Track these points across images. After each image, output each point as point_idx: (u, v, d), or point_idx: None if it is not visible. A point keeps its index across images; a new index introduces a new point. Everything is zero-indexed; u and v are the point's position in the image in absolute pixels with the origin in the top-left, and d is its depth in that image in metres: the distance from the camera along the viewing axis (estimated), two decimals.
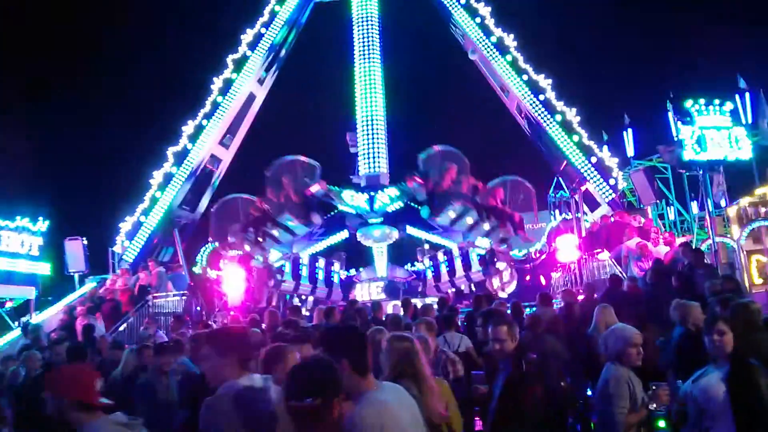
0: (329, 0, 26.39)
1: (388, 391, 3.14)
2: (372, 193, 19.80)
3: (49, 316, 16.76)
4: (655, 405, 4.46)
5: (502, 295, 16.84)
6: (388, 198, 19.71)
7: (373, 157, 21.69)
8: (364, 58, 22.62)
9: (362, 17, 23.12)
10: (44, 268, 18.46)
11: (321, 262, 20.34)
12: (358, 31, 23.04)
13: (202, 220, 24.10)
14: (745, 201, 18.46)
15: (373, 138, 21.84)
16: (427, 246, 22.11)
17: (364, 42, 22.83)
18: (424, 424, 3.24)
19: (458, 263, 19.33)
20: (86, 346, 9.53)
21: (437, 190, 18.71)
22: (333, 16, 26.38)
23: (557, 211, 23.31)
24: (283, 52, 25.57)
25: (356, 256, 22.14)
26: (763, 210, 18.14)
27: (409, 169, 19.61)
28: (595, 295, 11.35)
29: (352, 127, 22.39)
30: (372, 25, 23.08)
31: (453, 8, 23.84)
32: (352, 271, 21.60)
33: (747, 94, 21.96)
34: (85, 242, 19.62)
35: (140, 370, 7.35)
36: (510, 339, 4.59)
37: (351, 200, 19.75)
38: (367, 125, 21.96)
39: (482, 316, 6.92)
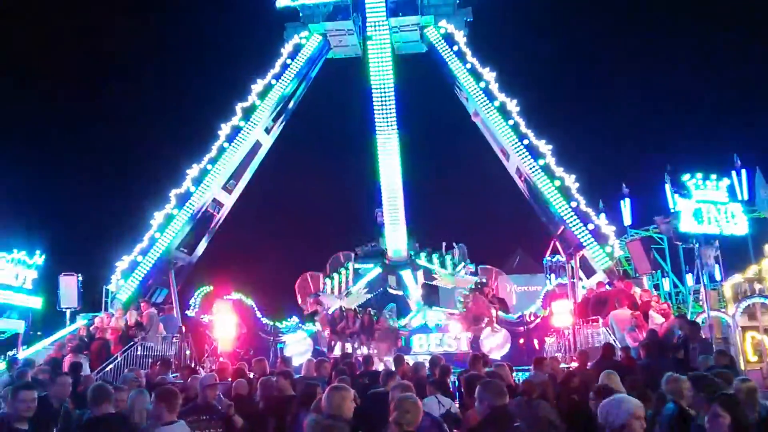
0: (340, 56, 27.26)
1: None
2: None
3: (37, 352, 16.53)
4: None
5: (495, 356, 16.68)
6: None
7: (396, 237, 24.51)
8: (383, 136, 23.95)
9: (379, 85, 24.05)
10: (36, 302, 18.31)
11: None
12: (378, 103, 24.18)
13: (198, 263, 24.09)
14: (740, 276, 18.55)
15: (396, 216, 24.31)
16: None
17: (382, 113, 24.03)
18: None
19: None
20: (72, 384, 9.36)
21: None
22: (343, 71, 27.18)
23: (553, 275, 23.31)
24: (291, 104, 26.16)
25: None
26: (758, 287, 18.19)
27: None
28: (588, 364, 11.30)
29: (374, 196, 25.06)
30: (388, 93, 24.11)
31: (458, 72, 24.52)
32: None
33: (743, 171, 22.33)
34: (80, 278, 19.54)
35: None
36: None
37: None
38: (391, 204, 24.26)
39: (465, 381, 6.92)
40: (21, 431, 5.35)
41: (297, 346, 18.80)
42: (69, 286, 19.27)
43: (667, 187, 18.15)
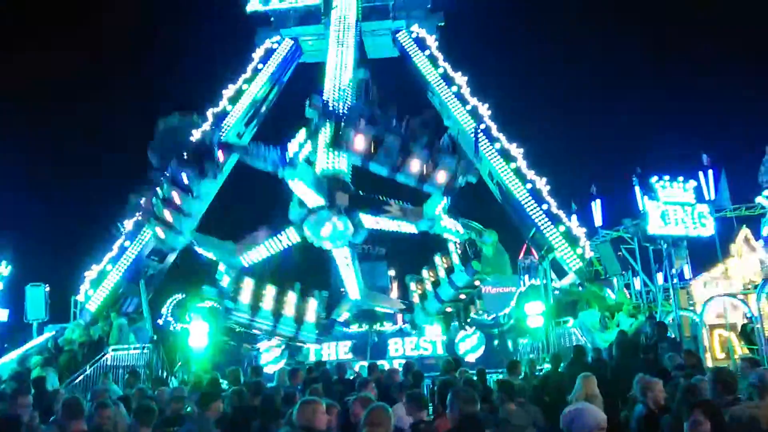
0: (313, 61, 27.09)
1: None
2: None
3: (3, 365, 16.09)
4: None
5: (470, 359, 16.75)
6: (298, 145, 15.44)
7: None
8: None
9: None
10: (1, 315, 17.86)
11: None
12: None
13: (170, 271, 23.69)
14: (708, 275, 18.93)
15: None
16: None
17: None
18: None
19: None
20: (37, 399, 9.13)
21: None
22: (316, 75, 26.99)
23: (526, 276, 23.49)
24: (263, 109, 25.95)
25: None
26: (724, 285, 18.58)
27: None
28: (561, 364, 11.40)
29: None
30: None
31: (430, 76, 24.63)
32: None
33: (710, 171, 22.72)
34: (48, 289, 19.07)
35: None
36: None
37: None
38: None
39: (438, 387, 6.93)
40: None
41: (271, 353, 18.57)
42: (36, 297, 18.81)
43: (636, 189, 18.49)
